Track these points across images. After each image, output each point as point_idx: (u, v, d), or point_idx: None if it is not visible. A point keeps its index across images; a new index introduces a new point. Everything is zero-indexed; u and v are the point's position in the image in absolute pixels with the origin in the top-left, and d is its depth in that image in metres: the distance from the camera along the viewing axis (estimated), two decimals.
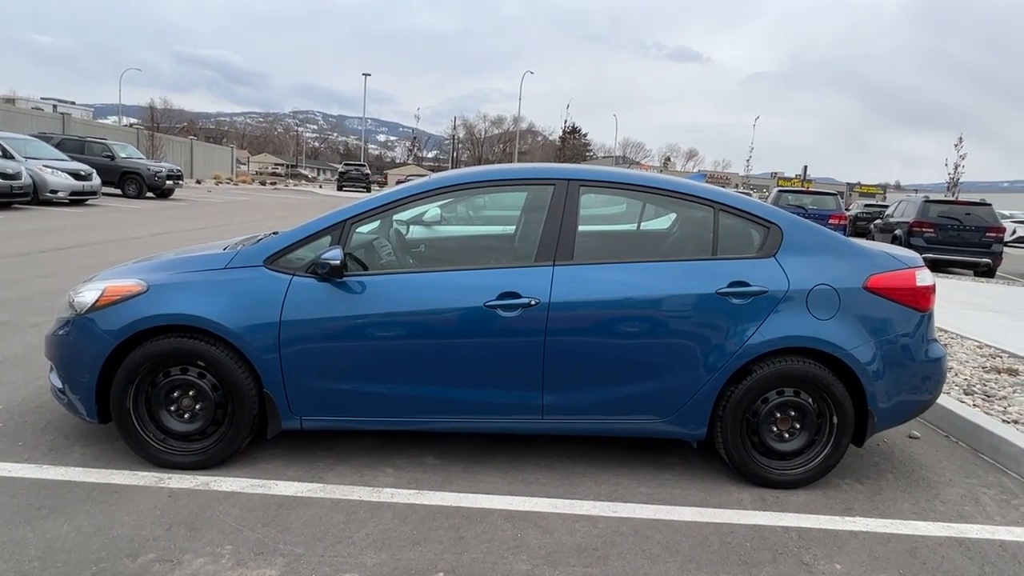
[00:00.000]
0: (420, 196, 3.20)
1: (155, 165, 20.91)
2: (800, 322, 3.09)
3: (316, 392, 3.04)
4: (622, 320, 3.06)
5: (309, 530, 2.62)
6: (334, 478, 3.07)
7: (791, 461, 3.20)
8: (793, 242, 3.20)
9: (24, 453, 3.13)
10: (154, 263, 3.25)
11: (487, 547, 2.57)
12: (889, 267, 3.23)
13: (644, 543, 2.66)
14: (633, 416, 3.14)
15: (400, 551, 2.51)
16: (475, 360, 3.04)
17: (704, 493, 3.12)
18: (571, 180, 3.20)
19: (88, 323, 3.00)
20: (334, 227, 3.11)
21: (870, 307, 3.15)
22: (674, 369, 3.08)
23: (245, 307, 2.97)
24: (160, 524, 2.60)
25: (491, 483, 3.10)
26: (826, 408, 3.17)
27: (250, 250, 3.11)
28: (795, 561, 2.59)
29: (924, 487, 3.33)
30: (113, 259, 8.85)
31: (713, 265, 3.14)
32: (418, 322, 3.01)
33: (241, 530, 2.60)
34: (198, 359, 2.98)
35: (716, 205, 3.24)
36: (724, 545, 2.68)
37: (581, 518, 2.83)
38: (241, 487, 2.93)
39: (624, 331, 3.06)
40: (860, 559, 2.64)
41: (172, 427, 3.05)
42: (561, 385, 3.08)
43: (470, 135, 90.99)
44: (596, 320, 3.05)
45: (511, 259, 3.21)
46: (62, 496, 2.77)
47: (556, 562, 2.50)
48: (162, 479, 2.96)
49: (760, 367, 3.10)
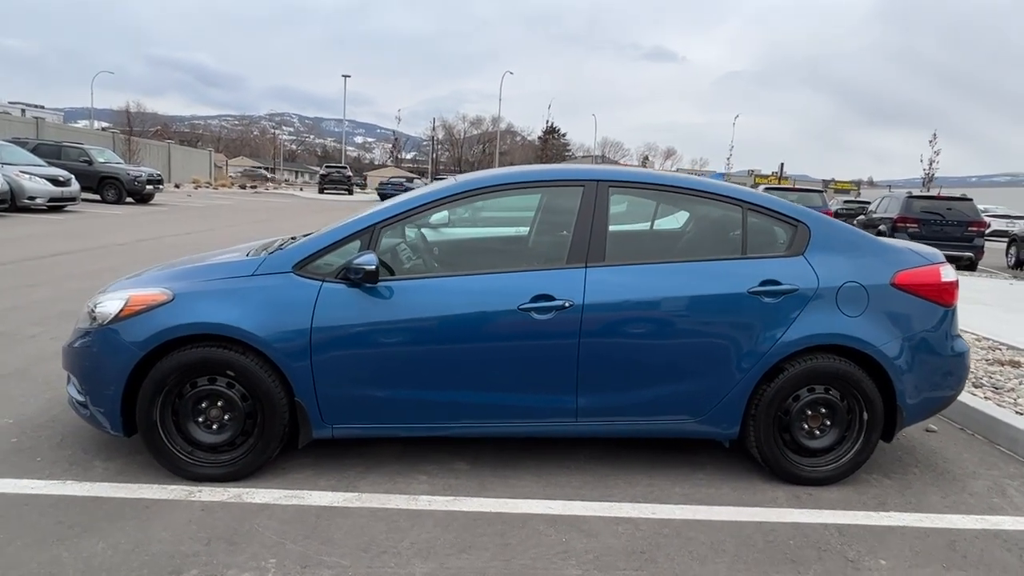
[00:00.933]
0: (450, 199, 3.16)
1: (135, 170, 20.53)
2: (830, 319, 3.11)
3: (348, 400, 2.99)
4: (656, 321, 3.05)
5: (352, 541, 2.58)
6: (367, 487, 3.02)
7: (822, 458, 3.22)
8: (820, 240, 3.22)
9: (44, 469, 3.04)
10: (175, 271, 3.17)
11: (534, 553, 2.55)
12: (914, 263, 3.26)
13: (688, 544, 2.66)
14: (666, 416, 3.14)
15: (447, 559, 2.48)
16: (509, 364, 3.01)
17: (738, 492, 3.13)
18: (600, 181, 3.19)
19: (111, 334, 2.92)
20: (363, 231, 3.06)
21: (897, 303, 3.18)
22: (708, 369, 3.08)
23: (275, 314, 2.91)
24: (198, 539, 2.54)
25: (527, 487, 3.07)
26: (856, 404, 3.19)
27: (277, 256, 3.05)
28: (840, 558, 2.61)
29: (950, 480, 3.37)
30: (101, 266, 8.67)
31: (744, 264, 3.15)
32: (451, 326, 2.97)
33: (283, 543, 2.54)
34: (227, 369, 2.91)
35: (744, 204, 3.25)
36: (768, 544, 2.69)
37: (622, 520, 2.82)
38: (275, 499, 2.87)
39: (658, 332, 3.05)
40: (902, 554, 2.66)
41: (200, 439, 2.98)
42: (595, 387, 3.06)
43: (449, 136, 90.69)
44: (630, 321, 3.04)
45: (542, 261, 3.18)
46: (92, 513, 2.69)
47: (606, 566, 2.48)
48: (192, 492, 2.89)
49: (792, 365, 3.11)
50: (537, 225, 3.78)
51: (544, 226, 3.67)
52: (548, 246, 3.38)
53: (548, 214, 3.66)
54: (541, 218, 3.74)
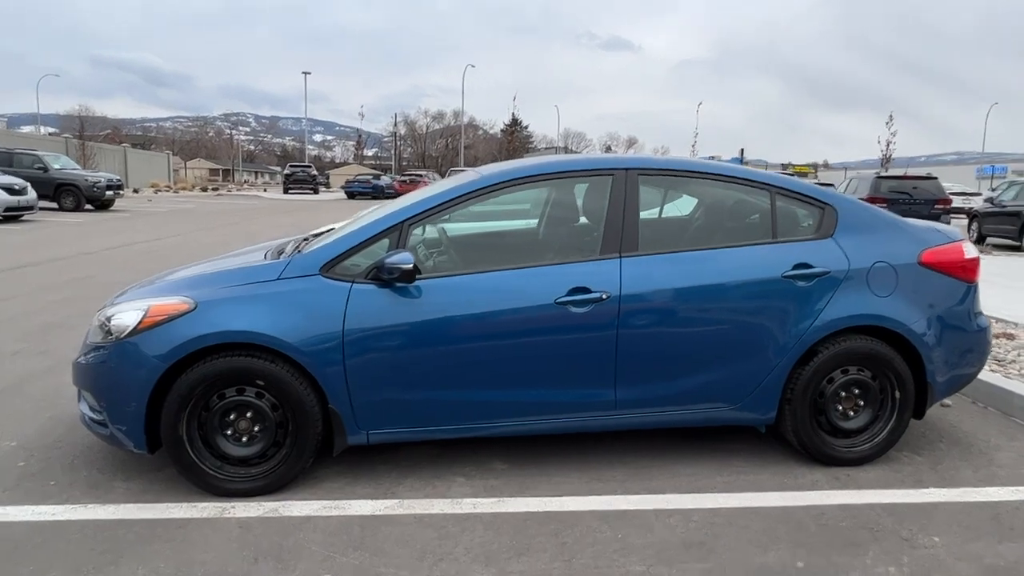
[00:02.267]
0: (479, 192, 3.06)
1: (93, 175, 19.80)
2: (862, 300, 3.11)
3: (383, 404, 2.89)
4: (692, 309, 3.02)
5: (404, 550, 2.49)
6: (407, 492, 2.93)
7: (856, 438, 3.24)
8: (848, 222, 3.22)
9: (62, 493, 2.87)
10: (192, 278, 3.02)
11: (593, 551, 2.49)
12: (939, 241, 3.30)
13: (744, 532, 2.63)
14: (704, 405, 3.11)
15: (508, 564, 2.41)
16: (547, 359, 2.95)
17: (778, 477, 3.12)
18: (629, 169, 3.13)
19: (131, 347, 2.77)
20: (391, 229, 2.95)
21: (925, 282, 3.21)
22: (744, 355, 3.06)
23: (305, 319, 2.79)
24: (243, 558, 2.42)
25: (570, 484, 3.01)
26: (888, 384, 3.21)
27: (303, 258, 2.92)
28: (895, 538, 2.61)
29: (977, 454, 3.43)
30: (74, 276, 8.34)
31: (775, 249, 3.13)
32: (488, 324, 2.89)
33: (333, 557, 2.44)
34: (257, 378, 2.78)
35: (772, 188, 3.23)
36: (821, 527, 2.68)
37: (673, 512, 2.78)
38: (314, 510, 2.76)
39: (694, 320, 3.02)
40: (951, 530, 2.68)
41: (230, 452, 2.85)
42: (633, 378, 3.02)
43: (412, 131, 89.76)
44: (667, 310, 3.00)
45: (575, 253, 3.12)
46: (122, 537, 2.55)
47: (668, 560, 2.44)
48: (225, 509, 2.76)
49: (826, 347, 3.11)
50: (547, 217, 3.70)
51: (557, 218, 3.58)
52: (584, 236, 3.31)
53: (556, 208, 3.56)
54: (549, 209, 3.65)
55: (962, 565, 2.44)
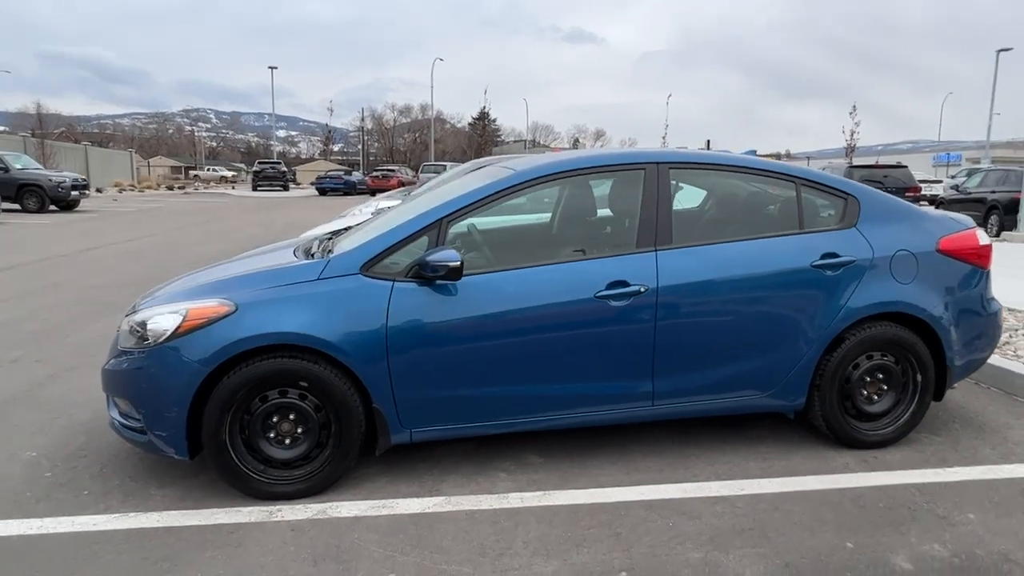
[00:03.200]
0: (515, 188, 3.07)
1: (57, 175, 19.18)
2: (886, 288, 3.21)
3: (427, 402, 2.88)
4: (726, 300, 3.07)
5: (463, 547, 2.50)
6: (451, 489, 2.94)
7: (880, 421, 3.34)
8: (870, 211, 3.32)
9: (99, 503, 2.81)
10: (227, 280, 2.96)
11: (649, 540, 2.54)
12: (954, 229, 3.41)
13: (790, 516, 2.71)
14: (738, 393, 3.18)
15: (568, 555, 2.44)
16: (587, 352, 2.97)
17: (810, 461, 3.20)
18: (660, 163, 3.17)
19: (170, 352, 2.71)
20: (430, 227, 2.94)
21: (943, 268, 3.32)
22: (776, 343, 3.13)
23: (348, 319, 2.77)
24: (303, 560, 2.40)
25: (611, 476, 3.05)
26: (909, 368, 3.32)
27: (343, 258, 2.89)
28: (932, 516, 2.71)
29: (990, 432, 3.56)
30: (53, 280, 8.09)
31: (803, 239, 3.21)
32: (529, 319, 2.91)
33: (393, 556, 2.44)
34: (300, 379, 2.75)
35: (797, 180, 3.31)
36: (860, 509, 2.77)
37: (718, 500, 2.84)
38: (362, 511, 2.75)
39: (729, 310, 3.08)
40: (984, 507, 2.79)
41: (274, 455, 2.81)
42: (671, 370, 3.06)
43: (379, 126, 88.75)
44: (702, 302, 3.05)
45: (611, 247, 3.14)
46: (172, 545, 2.50)
47: (723, 546, 2.49)
48: (271, 512, 2.73)
49: (852, 334, 3.20)
50: (560, 212, 3.70)
51: (610, 210, 3.54)
52: (618, 230, 3.32)
53: (580, 202, 3.57)
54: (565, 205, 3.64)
55: (1001, 540, 2.54)
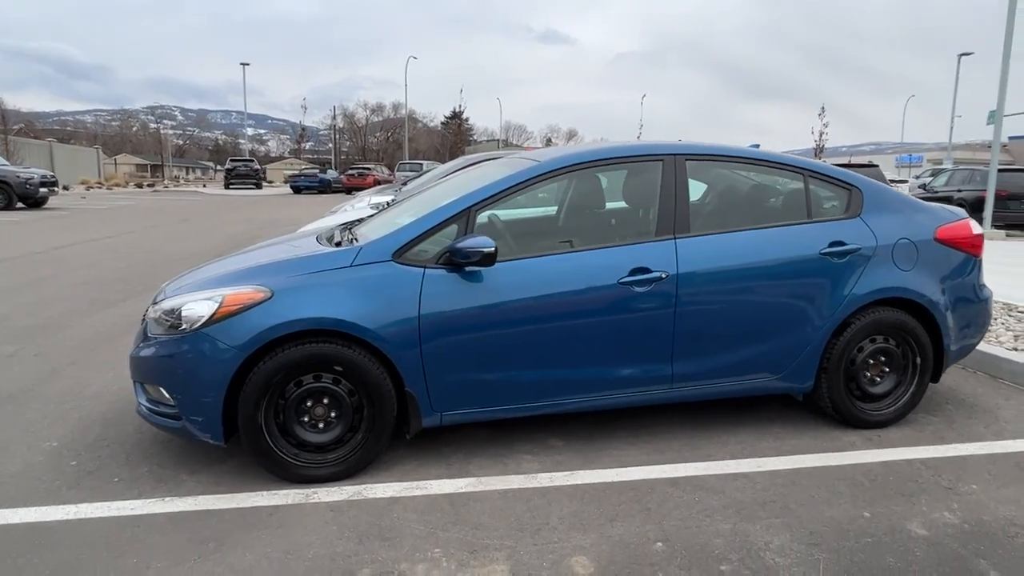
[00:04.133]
0: (541, 177, 3.16)
1: (24, 171, 18.67)
2: (889, 275, 3.38)
3: (457, 385, 2.96)
4: (742, 286, 3.21)
5: (501, 523, 2.58)
6: (479, 471, 3.02)
7: (882, 402, 3.51)
8: (873, 202, 3.48)
9: (132, 489, 2.83)
10: (259, 267, 2.99)
11: (679, 514, 2.65)
12: (950, 219, 3.60)
13: (807, 490, 2.84)
14: (750, 375, 3.32)
15: (604, 529, 2.54)
16: (610, 336, 3.08)
17: (818, 440, 3.36)
18: (677, 155, 3.29)
19: (206, 338, 2.74)
20: (459, 215, 3.01)
21: (940, 256, 3.50)
22: (788, 328, 3.28)
23: (382, 305, 2.83)
24: (348, 538, 2.46)
25: (631, 456, 3.16)
26: (909, 351, 3.49)
27: (375, 245, 2.95)
28: (938, 487, 2.88)
29: (982, 412, 3.76)
30: (35, 277, 7.94)
31: (811, 228, 3.36)
32: (556, 304, 3.00)
33: (435, 533, 2.51)
34: (335, 364, 2.80)
35: (805, 172, 3.46)
36: (872, 482, 2.92)
37: (737, 476, 2.97)
38: (397, 492, 2.82)
39: (744, 296, 3.21)
40: (983, 478, 2.96)
41: (308, 439, 2.86)
42: (689, 353, 3.19)
43: (351, 124, 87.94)
44: (719, 288, 3.18)
45: (632, 235, 3.24)
46: (214, 527, 2.54)
47: (750, 518, 2.62)
48: (308, 495, 2.78)
49: (858, 319, 3.36)
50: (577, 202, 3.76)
51: (627, 200, 3.61)
52: (636, 219, 3.42)
53: (630, 188, 3.58)
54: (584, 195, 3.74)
55: (1004, 507, 2.71)
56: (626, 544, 2.44)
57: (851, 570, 2.29)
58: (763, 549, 2.41)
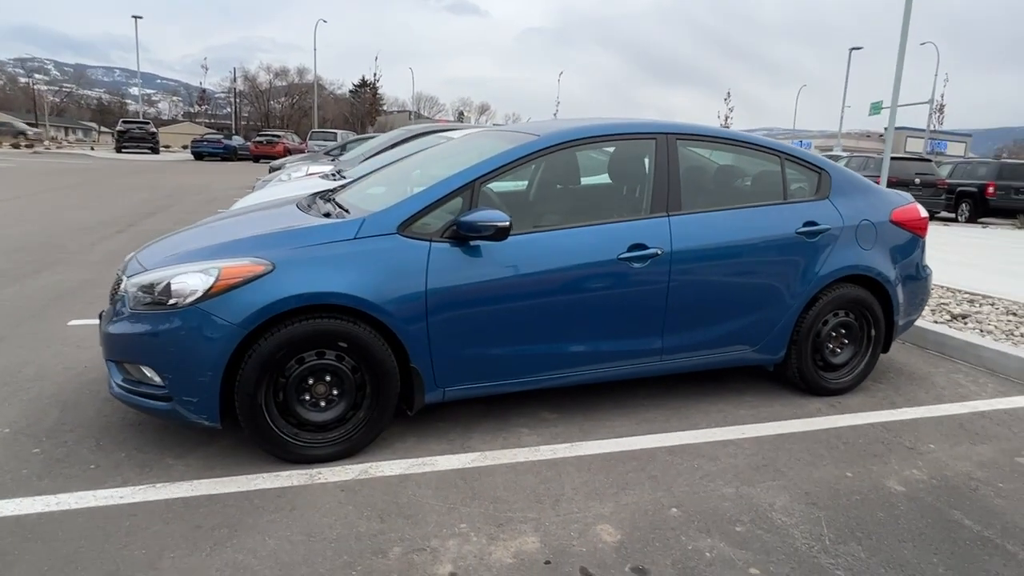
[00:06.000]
0: (543, 152, 3.14)
1: None
2: (853, 253, 3.63)
3: (460, 360, 2.93)
4: (728, 262, 3.35)
5: (518, 496, 2.60)
6: (481, 445, 3.02)
7: (841, 371, 3.79)
8: (839, 185, 3.71)
9: (113, 476, 2.63)
10: (255, 238, 2.80)
11: (684, 480, 2.77)
12: (901, 202, 3.90)
13: (792, 454, 3.04)
14: (731, 347, 3.49)
15: (618, 497, 2.61)
16: (608, 311, 3.14)
17: (790, 408, 3.58)
18: (669, 134, 3.37)
19: (201, 314, 2.56)
20: (464, 188, 2.95)
21: (894, 237, 3.79)
22: (766, 302, 3.46)
23: (389, 279, 2.75)
24: (369, 517, 2.41)
25: (624, 427, 3.26)
26: (865, 324, 3.78)
27: (378, 217, 2.84)
28: (903, 448, 3.16)
29: (919, 379, 4.14)
30: None
31: (788, 208, 3.54)
32: (559, 279, 3.02)
33: (456, 508, 2.50)
34: (340, 340, 2.70)
35: (782, 155, 3.63)
36: (846, 445, 3.16)
37: (727, 443, 3.13)
38: (405, 469, 2.77)
39: (729, 272, 3.36)
40: (937, 439, 3.28)
41: (309, 418, 2.75)
42: (678, 327, 3.30)
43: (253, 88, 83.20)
44: (708, 264, 3.30)
45: (627, 211, 3.29)
46: (221, 512, 2.41)
47: (749, 481, 2.78)
48: (312, 476, 2.69)
49: (825, 294, 3.60)
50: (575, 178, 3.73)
51: (620, 176, 3.58)
52: (630, 196, 3.46)
53: (622, 165, 3.57)
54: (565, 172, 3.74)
55: (960, 463, 3.02)
56: (644, 511, 2.53)
57: (850, 525, 2.49)
58: (769, 510, 2.57)
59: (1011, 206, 16.15)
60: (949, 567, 2.27)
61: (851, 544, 2.37)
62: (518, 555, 2.24)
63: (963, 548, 2.38)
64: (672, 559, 2.24)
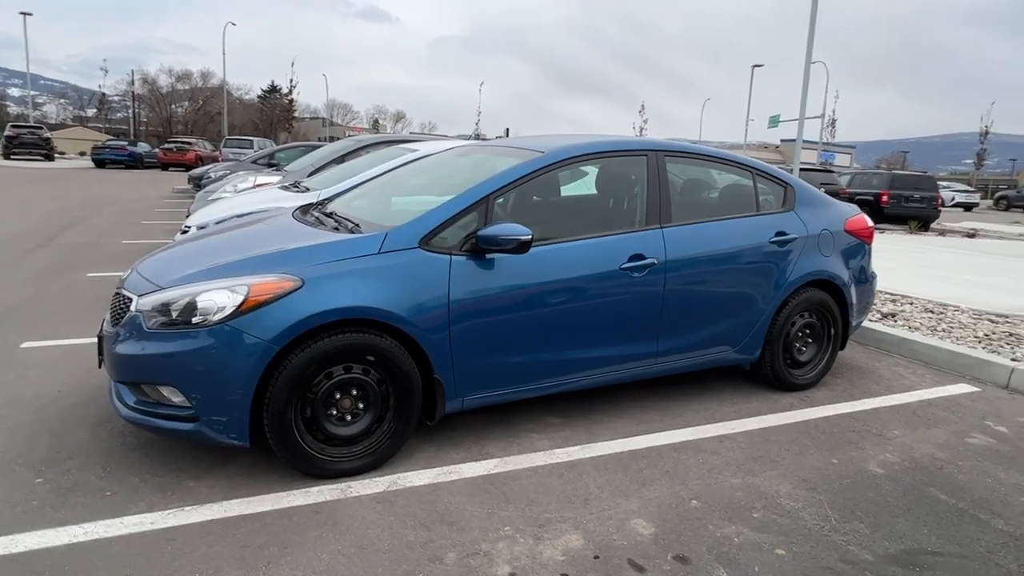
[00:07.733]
0: (549, 167, 3.28)
1: None
2: (817, 260, 3.99)
3: (480, 369, 3.02)
4: (715, 270, 3.61)
5: (550, 498, 2.72)
6: (498, 452, 3.11)
7: (806, 368, 4.14)
8: (802, 197, 4.07)
9: (136, 502, 2.54)
10: (277, 254, 2.77)
11: (695, 474, 2.97)
12: (851, 213, 4.31)
13: (780, 445, 3.32)
14: (716, 349, 3.75)
15: (642, 493, 2.78)
16: (613, 317, 3.32)
17: (767, 403, 3.88)
18: (658, 151, 3.60)
19: (231, 331, 2.53)
20: (479, 203, 3.05)
21: (847, 244, 4.19)
22: (746, 306, 3.75)
23: (414, 292, 2.81)
24: (415, 527, 2.46)
25: (626, 428, 3.44)
26: (827, 324, 4.15)
27: (399, 232, 2.89)
28: (872, 435, 3.50)
29: (867, 373, 4.57)
30: None
31: (761, 219, 3.85)
32: (571, 288, 3.17)
33: (495, 512, 2.59)
34: (368, 354, 2.74)
35: (753, 170, 3.94)
36: (824, 435, 3.48)
37: (723, 438, 3.37)
38: (433, 478, 2.83)
39: (716, 279, 3.62)
40: (898, 426, 3.66)
41: (337, 432, 2.76)
42: (672, 332, 3.53)
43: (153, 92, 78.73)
44: (697, 272, 3.55)
45: (624, 224, 3.46)
46: (264, 531, 2.40)
47: (751, 472, 3.02)
48: (343, 490, 2.70)
49: (794, 298, 3.94)
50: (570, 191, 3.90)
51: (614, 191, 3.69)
52: (622, 209, 3.62)
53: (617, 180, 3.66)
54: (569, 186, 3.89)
55: (923, 446, 3.39)
56: (668, 504, 2.71)
57: (848, 506, 2.76)
58: (777, 496, 2.81)
59: (902, 213, 17.73)
60: (939, 536, 2.58)
61: (854, 522, 2.64)
62: (567, 552, 2.36)
63: (945, 519, 2.70)
64: (707, 546, 2.43)
